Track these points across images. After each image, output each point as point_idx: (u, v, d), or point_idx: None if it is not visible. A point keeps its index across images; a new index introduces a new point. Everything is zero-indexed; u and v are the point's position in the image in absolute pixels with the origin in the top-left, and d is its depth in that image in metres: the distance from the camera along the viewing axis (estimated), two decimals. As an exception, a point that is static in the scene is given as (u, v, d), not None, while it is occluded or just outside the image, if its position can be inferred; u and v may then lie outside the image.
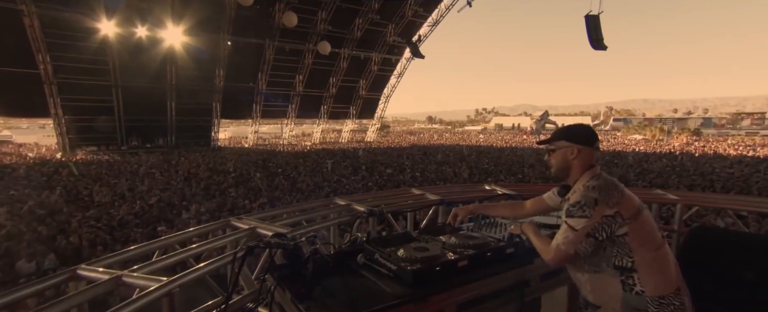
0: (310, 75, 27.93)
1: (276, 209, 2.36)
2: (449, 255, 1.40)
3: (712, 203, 2.54)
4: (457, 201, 2.48)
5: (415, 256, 1.37)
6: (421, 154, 23.49)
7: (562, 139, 1.46)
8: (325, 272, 1.44)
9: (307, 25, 24.49)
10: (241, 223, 1.94)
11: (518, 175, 14.88)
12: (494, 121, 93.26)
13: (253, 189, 11.82)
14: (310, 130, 36.25)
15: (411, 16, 27.32)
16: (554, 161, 1.48)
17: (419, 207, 2.50)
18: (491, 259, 1.46)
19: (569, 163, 1.43)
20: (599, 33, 15.20)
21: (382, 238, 1.63)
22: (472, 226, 1.82)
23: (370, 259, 1.47)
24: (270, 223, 1.97)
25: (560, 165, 1.46)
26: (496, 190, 2.75)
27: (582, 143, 1.42)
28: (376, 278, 1.37)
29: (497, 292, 1.44)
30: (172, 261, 1.55)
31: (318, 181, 13.28)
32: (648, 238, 1.29)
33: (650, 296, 1.25)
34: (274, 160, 18.94)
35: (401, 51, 30.72)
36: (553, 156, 1.49)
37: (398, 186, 12.21)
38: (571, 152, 1.42)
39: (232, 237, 1.80)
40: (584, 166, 1.41)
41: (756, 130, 53.45)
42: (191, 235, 1.88)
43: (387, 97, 34.21)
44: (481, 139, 42.00)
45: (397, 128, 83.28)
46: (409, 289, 1.27)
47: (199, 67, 22.73)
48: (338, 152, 23.82)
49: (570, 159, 1.43)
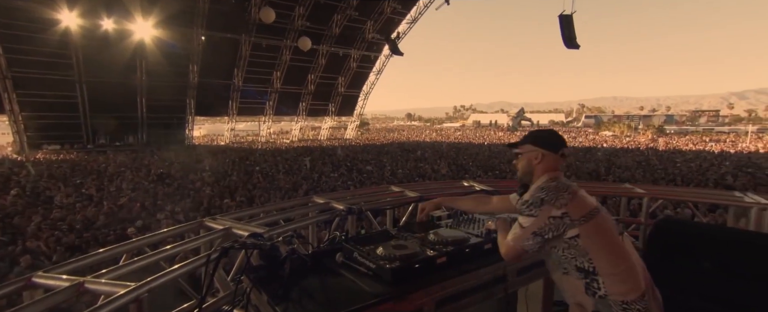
0: (288, 71, 27.49)
1: (252, 208, 2.30)
2: (428, 252, 1.41)
3: (675, 196, 2.68)
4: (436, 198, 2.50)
5: (394, 254, 1.36)
6: (400, 151, 23.58)
7: (529, 143, 1.47)
8: (303, 272, 1.41)
9: (284, 21, 24.04)
10: (215, 224, 1.88)
11: (496, 171, 15.17)
12: (472, 118, 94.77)
13: (230, 188, 11.54)
14: (288, 127, 35.73)
15: (390, 13, 27.30)
16: (520, 165, 1.49)
17: (398, 204, 2.50)
18: (469, 256, 1.47)
19: (533, 167, 1.43)
20: (572, 32, 15.66)
21: (361, 236, 1.61)
22: (450, 223, 1.83)
23: (349, 258, 1.45)
24: (246, 222, 1.91)
25: (525, 169, 1.46)
26: (474, 186, 2.78)
27: (547, 148, 1.43)
28: (355, 277, 1.35)
29: (475, 287, 1.46)
30: (141, 264, 1.48)
31: (297, 179, 13.10)
32: (605, 241, 1.27)
33: (613, 300, 1.24)
34: (251, 158, 18.55)
35: (380, 48, 30.67)
36: (520, 160, 1.50)
37: (377, 183, 12.21)
38: (536, 157, 1.43)
39: (206, 238, 1.74)
40: (547, 171, 1.41)
41: (711, 127, 57.11)
42: (163, 237, 1.81)
43: (366, 94, 34.11)
44: (459, 136, 42.60)
45: (376, 125, 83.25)
46: (389, 288, 1.26)
47: (171, 62, 21.92)
48: (317, 149, 23.58)
49: (534, 163, 1.43)
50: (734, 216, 2.52)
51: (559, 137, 1.48)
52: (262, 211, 2.28)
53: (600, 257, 1.25)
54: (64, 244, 6.18)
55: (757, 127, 49.82)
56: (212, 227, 1.86)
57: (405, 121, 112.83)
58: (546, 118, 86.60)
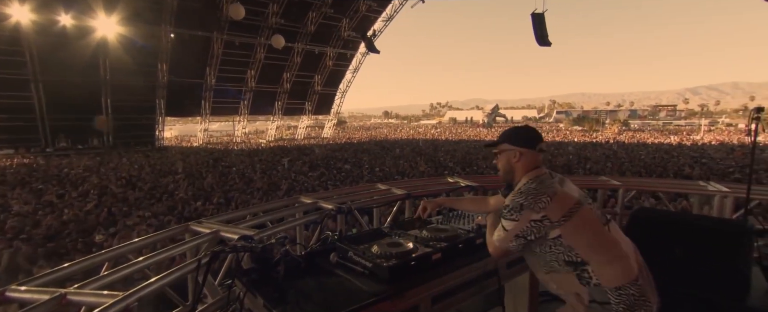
0: (263, 70, 26.89)
1: (237, 211, 2.24)
2: (423, 249, 1.42)
3: (648, 187, 2.84)
4: (422, 195, 2.52)
5: (390, 251, 1.37)
6: (378, 149, 23.60)
7: (505, 141, 1.47)
8: (297, 274, 1.40)
9: (257, 18, 23.48)
10: (201, 227, 1.82)
11: (473, 166, 15.44)
12: (448, 115, 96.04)
13: (206, 190, 11.19)
14: (264, 127, 35.01)
15: (365, 11, 27.19)
16: (500, 165, 1.49)
17: (386, 202, 2.50)
18: (462, 251, 1.50)
19: (513, 166, 1.43)
20: (544, 30, 16.17)
21: (353, 235, 1.61)
22: (440, 219, 1.86)
23: (343, 258, 1.45)
24: (234, 225, 1.86)
25: (505, 168, 1.47)
26: (459, 182, 2.83)
27: (524, 146, 1.42)
28: (351, 276, 1.35)
29: (469, 282, 1.49)
30: (126, 273, 1.41)
31: (275, 179, 12.87)
32: (589, 234, 1.28)
33: (607, 287, 1.25)
34: (227, 159, 18.05)
35: (356, 46, 30.51)
36: (499, 159, 1.50)
37: (356, 182, 12.18)
38: (514, 156, 1.43)
39: (192, 243, 1.68)
40: (527, 168, 1.41)
41: (670, 121, 61.04)
42: (147, 243, 1.73)
43: (343, 92, 33.88)
44: (436, 133, 43.09)
45: (353, 123, 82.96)
46: (386, 286, 1.27)
47: (138, 61, 20.94)
48: (294, 149, 23.23)
49: (513, 162, 1.43)
50: (698, 204, 2.69)
51: (534, 132, 1.47)
52: (248, 213, 2.23)
53: (586, 250, 1.27)
54: (24, 255, 5.80)
55: (709, 120, 53.84)
56: (198, 231, 1.80)
57: (382, 119, 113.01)
58: (519, 114, 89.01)
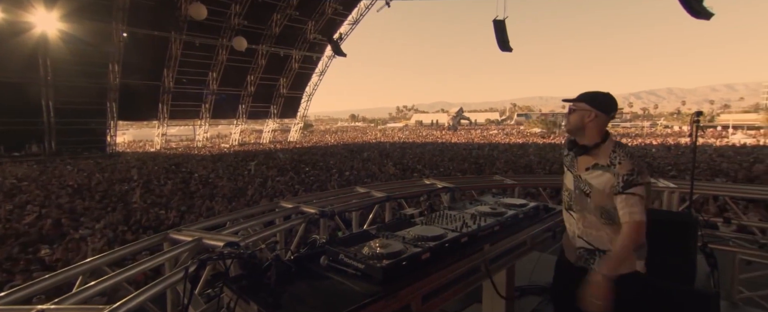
0: (226, 72, 25.96)
1: (217, 217, 2.17)
2: (412, 249, 1.46)
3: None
4: (402, 197, 2.57)
5: (381, 252, 1.40)
6: (346, 152, 23.51)
7: (584, 101, 1.58)
8: (289, 278, 1.39)
9: (219, 18, 22.68)
10: (181, 236, 1.75)
11: (440, 168, 15.79)
12: (414, 118, 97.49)
13: (166, 197, 10.62)
14: (227, 131, 33.76)
15: (331, 14, 27.08)
16: (572, 119, 1.61)
17: (368, 205, 2.53)
18: (449, 250, 1.56)
19: (585, 124, 1.56)
20: (505, 36, 16.90)
21: (342, 238, 1.62)
22: (424, 220, 1.91)
23: (334, 261, 1.46)
24: (216, 233, 1.81)
25: (576, 124, 1.59)
26: (436, 184, 2.91)
27: (601, 110, 1.55)
28: (344, 279, 1.37)
29: (455, 279, 1.55)
30: (105, 286, 1.33)
31: (240, 184, 12.46)
32: None
33: None
34: (187, 165, 17.22)
35: (322, 49, 30.28)
36: (572, 115, 1.62)
37: (325, 185, 12.08)
38: (588, 115, 1.55)
39: (172, 253, 1.61)
40: (599, 130, 1.56)
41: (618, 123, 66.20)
42: (123, 255, 1.63)
43: (309, 95, 33.46)
44: (403, 136, 43.58)
45: (320, 127, 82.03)
46: (380, 286, 1.29)
47: (85, 60, 19.50)
48: (260, 153, 22.60)
49: (586, 121, 1.56)
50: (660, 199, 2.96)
51: (612, 100, 1.59)
52: (228, 220, 2.17)
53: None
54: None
55: (650, 122, 59.02)
56: (179, 239, 1.73)
57: (349, 122, 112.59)
58: (483, 116, 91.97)
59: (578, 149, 1.60)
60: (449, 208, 2.14)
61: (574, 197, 1.67)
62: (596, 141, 1.56)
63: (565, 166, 1.74)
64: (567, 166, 1.72)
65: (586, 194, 1.60)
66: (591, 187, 1.58)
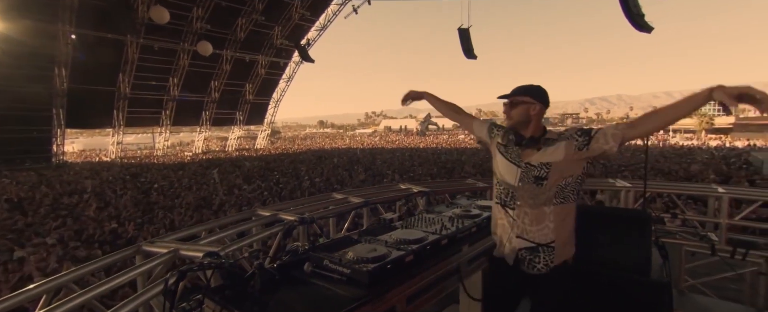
0: (188, 78, 24.90)
1: (191, 228, 2.09)
2: (396, 252, 1.50)
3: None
4: (379, 202, 2.61)
5: (366, 256, 1.43)
6: (315, 158, 23.23)
7: (527, 95, 1.60)
8: (273, 287, 1.38)
9: (180, 22, 21.77)
10: (155, 248, 1.67)
11: (410, 173, 15.97)
12: (383, 124, 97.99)
13: (126, 209, 10.00)
14: (189, 138, 32.35)
15: (298, 20, 26.81)
16: (515, 113, 1.61)
17: (346, 210, 2.54)
18: (430, 253, 1.61)
19: (531, 117, 1.59)
20: (470, 44, 17.48)
21: (325, 244, 1.63)
22: (403, 224, 1.96)
23: (318, 267, 1.46)
24: (192, 243, 1.75)
25: (521, 118, 1.60)
26: (412, 188, 2.98)
27: (543, 102, 1.60)
28: (329, 284, 1.38)
29: (436, 280, 1.60)
30: (74, 305, 1.25)
31: (205, 194, 11.97)
32: None
33: None
34: (146, 175, 16.31)
35: (290, 54, 29.87)
36: (514, 109, 1.61)
37: (295, 192, 11.86)
38: (533, 108, 1.58)
39: (146, 266, 1.54)
40: (540, 122, 1.61)
41: (576, 128, 70.55)
42: (91, 270, 1.53)
43: (276, 101, 32.82)
44: (372, 142, 43.70)
45: (288, 134, 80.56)
46: (366, 290, 1.32)
47: (26, 63, 17.97)
48: (226, 161, 21.83)
49: (532, 114, 1.59)
50: (609, 197, 3.20)
51: (547, 94, 1.66)
52: (203, 230, 2.10)
53: None
54: None
55: None
56: (153, 252, 1.66)
57: (318, 129, 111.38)
58: (450, 122, 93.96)
59: (529, 142, 1.59)
60: (426, 211, 2.20)
61: (518, 191, 1.61)
62: (540, 133, 1.61)
63: (505, 160, 1.66)
64: (509, 159, 1.65)
65: (542, 178, 1.55)
66: (549, 165, 1.54)
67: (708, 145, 31.51)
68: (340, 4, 26.62)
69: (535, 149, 1.58)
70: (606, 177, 4.35)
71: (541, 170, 1.55)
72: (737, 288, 3.75)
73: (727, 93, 1.18)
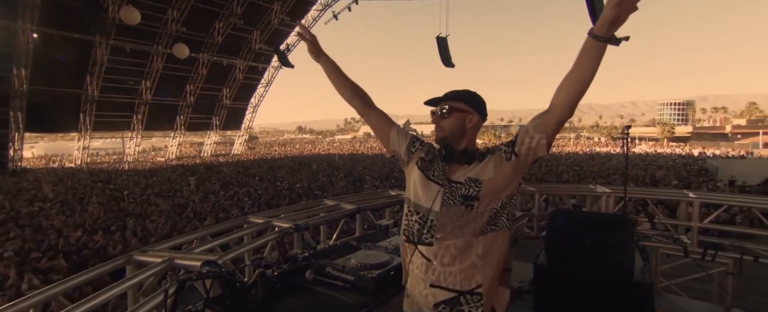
0: (162, 81, 24.07)
1: (182, 236, 2.01)
2: (397, 258, 1.51)
3: (557, 192, 3.42)
4: (373, 208, 2.61)
5: (369, 263, 1.43)
6: (295, 165, 22.93)
7: (463, 101, 1.27)
8: (275, 295, 1.36)
9: (154, 24, 21.09)
10: (148, 257, 1.60)
11: (391, 179, 16.01)
12: (362, 130, 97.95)
13: (92, 218, 9.49)
14: (162, 143, 31.21)
15: (277, 25, 26.55)
16: (446, 124, 1.26)
17: (339, 217, 2.52)
18: (430, 256, 1.63)
19: (466, 130, 1.26)
20: (447, 52, 17.78)
21: (324, 251, 1.62)
22: (398, 231, 1.97)
23: (321, 274, 1.45)
24: (187, 252, 1.69)
25: (454, 130, 1.26)
26: (402, 194, 2.99)
27: (480, 113, 1.28)
28: (333, 291, 1.37)
29: (436, 284, 1.61)
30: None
31: (180, 201, 11.55)
32: None
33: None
34: (116, 182, 15.58)
35: (268, 59, 29.49)
36: (446, 118, 1.26)
37: (275, 199, 11.66)
38: (470, 119, 1.26)
39: (138, 277, 1.47)
40: (475, 137, 1.29)
41: (551, 134, 74.21)
42: (80, 282, 1.44)
43: (254, 107, 32.25)
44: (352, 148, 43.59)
45: (266, 139, 79.19)
46: (371, 297, 1.32)
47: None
48: (201, 167, 21.18)
49: (468, 126, 1.26)
50: (590, 202, 3.33)
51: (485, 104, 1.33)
52: (196, 238, 2.02)
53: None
54: None
55: (575, 134, 66.17)
56: (146, 261, 1.58)
57: (296, 134, 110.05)
58: (428, 128, 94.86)
59: (460, 155, 1.23)
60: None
61: (438, 218, 1.21)
62: (474, 147, 1.28)
63: (425, 178, 1.27)
64: (431, 177, 1.26)
65: (472, 198, 1.19)
66: (480, 183, 1.19)
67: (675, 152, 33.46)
68: (320, 10, 26.60)
69: (464, 165, 1.23)
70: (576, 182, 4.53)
71: (469, 188, 1.20)
72: (703, 288, 3.98)
73: (606, 18, 0.99)
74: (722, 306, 3.36)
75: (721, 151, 34.94)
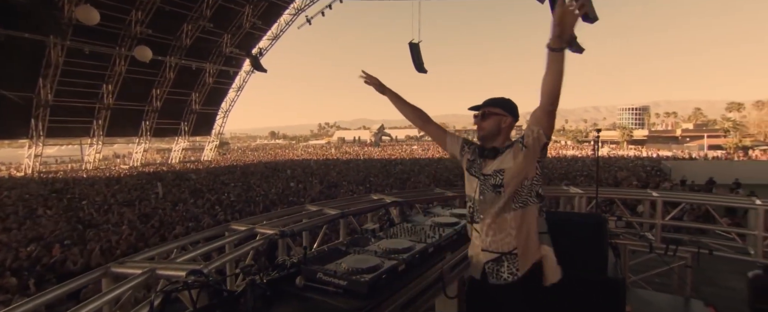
0: (125, 85, 22.92)
1: (162, 246, 1.91)
2: (388, 262, 1.51)
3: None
4: (356, 213, 2.60)
5: (360, 267, 1.42)
6: (268, 171, 22.44)
7: (499, 107, 1.62)
8: (265, 304, 1.33)
9: (116, 25, 20.13)
10: (126, 269, 1.51)
11: (366, 184, 16.00)
12: (337, 135, 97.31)
13: (48, 230, 8.86)
14: (125, 150, 29.67)
15: (249, 28, 26.03)
16: (486, 125, 1.61)
17: (323, 223, 2.49)
18: (419, 261, 1.65)
19: (501, 129, 1.60)
20: (420, 58, 18.05)
21: (313, 257, 1.60)
22: (383, 235, 1.97)
23: (311, 280, 1.43)
24: (170, 261, 1.62)
25: (492, 130, 1.60)
26: (384, 199, 3.01)
27: (514, 115, 1.62)
28: (325, 297, 1.35)
29: (426, 288, 1.64)
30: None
31: (147, 210, 11.02)
32: None
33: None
34: (74, 191, 14.64)
35: (240, 63, 28.83)
36: (485, 120, 1.62)
37: (249, 206, 11.36)
38: (504, 121, 1.60)
39: (115, 292, 1.39)
40: (509, 135, 1.63)
41: (521, 138, 76.02)
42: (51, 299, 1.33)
43: (225, 112, 31.37)
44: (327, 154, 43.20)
45: (238, 145, 77.08)
46: (364, 301, 1.31)
47: None
48: (169, 174, 20.30)
49: (503, 126, 1.60)
50: (563, 203, 3.48)
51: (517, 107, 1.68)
52: (176, 247, 1.93)
53: None
54: None
55: None
56: (124, 273, 1.50)
57: (269, 140, 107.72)
58: (403, 133, 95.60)
59: (489, 152, 1.60)
60: (406, 221, 2.24)
61: (479, 204, 1.61)
62: (506, 143, 1.61)
63: (469, 174, 1.67)
64: (472, 173, 1.66)
65: (500, 186, 1.55)
66: (503, 171, 1.55)
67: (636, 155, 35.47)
68: (293, 15, 26.35)
69: (492, 159, 1.59)
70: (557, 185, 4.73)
71: (496, 178, 1.55)
72: (661, 282, 4.24)
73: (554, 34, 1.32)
74: (682, 297, 3.59)
75: (673, 153, 37.50)
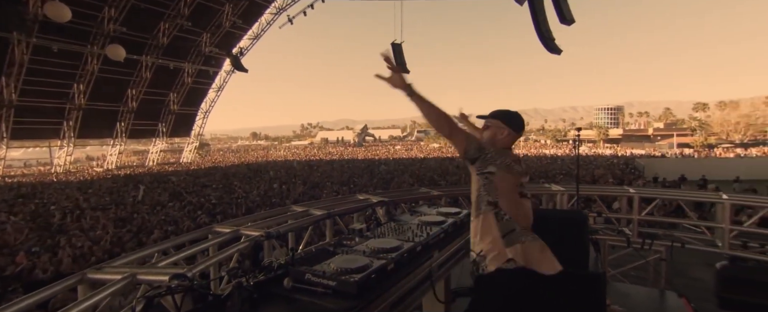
0: (97, 84, 22.06)
1: (140, 250, 1.83)
2: (377, 262, 1.51)
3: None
4: (343, 213, 2.59)
5: (349, 267, 1.42)
6: (251, 172, 22.06)
7: (499, 119, 1.70)
8: (252, 307, 1.31)
9: (88, 22, 19.33)
10: (104, 275, 1.45)
11: (350, 185, 15.94)
12: (320, 136, 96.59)
13: (14, 236, 8.44)
14: (99, 152, 28.59)
15: (229, 27, 25.49)
16: (485, 135, 1.71)
17: (309, 223, 2.46)
18: (407, 260, 1.65)
19: (497, 140, 1.67)
20: (402, 59, 18.08)
21: (301, 258, 1.58)
22: (371, 235, 1.97)
23: (299, 281, 1.41)
24: (151, 266, 1.56)
25: (489, 140, 1.68)
26: (370, 198, 3.00)
27: (513, 128, 1.69)
28: (314, 298, 1.34)
29: (415, 286, 1.64)
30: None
31: (123, 214, 10.65)
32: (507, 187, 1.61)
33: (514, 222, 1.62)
34: (43, 195, 14.00)
35: (220, 63, 28.22)
36: (486, 131, 1.72)
37: (231, 208, 11.15)
38: (501, 132, 1.68)
39: (91, 300, 1.33)
40: (507, 146, 1.69)
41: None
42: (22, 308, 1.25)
43: (205, 112, 30.65)
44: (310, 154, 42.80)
45: (218, 146, 75.50)
46: (354, 301, 1.31)
47: None
48: (147, 177, 19.66)
49: (499, 137, 1.67)
50: (545, 201, 3.56)
51: (523, 120, 1.75)
52: (156, 251, 1.87)
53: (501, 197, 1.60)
54: None
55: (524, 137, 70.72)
56: (102, 280, 1.43)
57: (251, 141, 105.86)
58: (386, 133, 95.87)
59: (471, 161, 1.66)
60: (392, 220, 2.24)
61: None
62: None
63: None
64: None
65: (471, 192, 1.71)
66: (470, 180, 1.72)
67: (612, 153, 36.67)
68: (274, 14, 25.98)
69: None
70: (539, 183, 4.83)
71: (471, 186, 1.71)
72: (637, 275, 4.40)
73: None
74: (657, 289, 3.73)
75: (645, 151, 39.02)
